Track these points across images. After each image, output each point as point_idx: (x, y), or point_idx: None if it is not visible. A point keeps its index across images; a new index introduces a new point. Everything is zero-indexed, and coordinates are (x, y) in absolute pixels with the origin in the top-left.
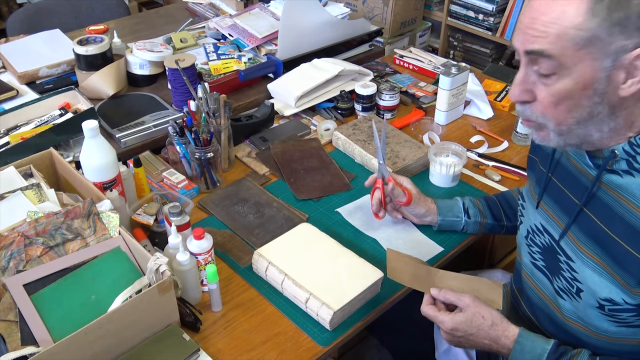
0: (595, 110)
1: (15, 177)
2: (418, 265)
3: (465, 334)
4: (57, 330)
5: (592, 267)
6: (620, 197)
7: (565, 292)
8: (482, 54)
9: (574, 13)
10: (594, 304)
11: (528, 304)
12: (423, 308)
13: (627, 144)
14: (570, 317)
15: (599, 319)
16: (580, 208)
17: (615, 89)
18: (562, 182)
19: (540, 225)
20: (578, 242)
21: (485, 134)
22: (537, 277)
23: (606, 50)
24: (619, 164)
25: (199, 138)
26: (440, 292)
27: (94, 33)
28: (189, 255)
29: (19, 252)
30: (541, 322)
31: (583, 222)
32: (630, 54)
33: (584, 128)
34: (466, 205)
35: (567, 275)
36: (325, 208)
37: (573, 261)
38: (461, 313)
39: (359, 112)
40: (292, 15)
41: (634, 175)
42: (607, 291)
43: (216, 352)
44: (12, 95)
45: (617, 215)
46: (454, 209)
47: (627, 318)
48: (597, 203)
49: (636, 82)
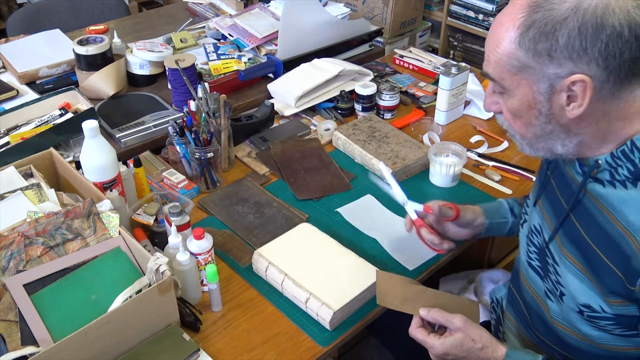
0: (547, 129)
1: (15, 177)
2: (407, 286)
3: (456, 357)
4: (57, 330)
5: (573, 273)
6: (602, 206)
7: (552, 294)
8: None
9: (507, 42)
10: (574, 308)
11: (524, 302)
12: (412, 331)
13: (609, 155)
14: (557, 319)
15: (580, 323)
16: (567, 213)
17: (561, 110)
18: (557, 185)
19: (538, 225)
20: (562, 247)
21: (485, 134)
22: (530, 277)
23: (539, 76)
24: (603, 173)
25: (199, 138)
26: (429, 312)
27: (94, 33)
28: (189, 255)
29: (19, 252)
30: (534, 321)
31: (568, 228)
32: (565, 80)
33: (544, 142)
34: (510, 205)
35: (553, 278)
36: (325, 208)
37: (558, 265)
38: (451, 337)
39: (359, 112)
40: (292, 15)
41: (615, 187)
42: (586, 297)
43: (216, 352)
44: (12, 95)
45: (597, 223)
46: (500, 210)
47: (606, 326)
48: (581, 210)
49: (577, 105)
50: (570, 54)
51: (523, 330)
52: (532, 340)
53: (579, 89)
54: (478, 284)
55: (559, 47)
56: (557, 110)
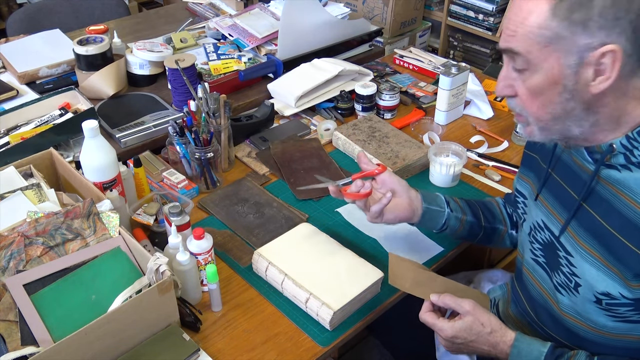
0: (568, 106)
1: (15, 177)
2: (419, 271)
3: (465, 341)
4: (57, 330)
5: (590, 262)
6: (618, 191)
7: (564, 287)
8: (482, 54)
9: (538, 13)
10: (591, 298)
11: (529, 299)
12: (422, 315)
13: (625, 138)
14: (568, 312)
15: (596, 313)
16: (580, 203)
17: (585, 86)
18: (563, 178)
19: (542, 221)
20: (577, 237)
21: (485, 134)
22: (538, 273)
23: (570, 48)
24: (617, 158)
25: (199, 138)
26: (440, 297)
27: (94, 33)
28: (189, 255)
29: (19, 252)
30: (540, 317)
31: (582, 217)
32: (596, 52)
33: (562, 124)
34: (447, 199)
35: (565, 270)
36: (325, 208)
37: (572, 256)
38: (460, 320)
39: (359, 112)
40: (292, 15)
41: (631, 170)
42: (605, 285)
43: (216, 352)
44: (12, 95)
45: (615, 209)
46: (436, 199)
47: (625, 313)
48: (595, 198)
49: (604, 79)
50: (604, 23)
51: (527, 327)
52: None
53: (609, 60)
54: (477, 284)
55: (594, 16)
56: (582, 85)
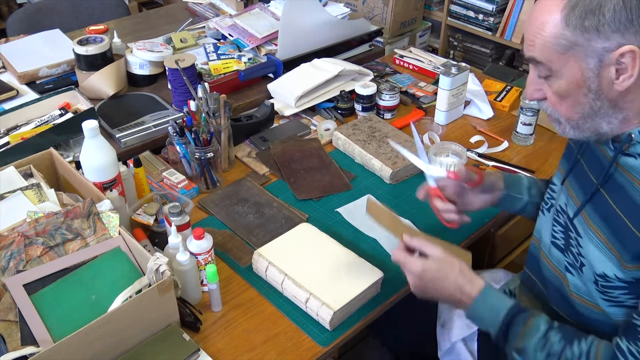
0: (595, 106)
1: (15, 177)
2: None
3: (432, 278)
4: (57, 330)
5: (595, 244)
6: (633, 178)
7: (572, 267)
8: (482, 54)
9: (552, 24)
10: (592, 278)
11: (542, 281)
12: (394, 253)
13: None
14: (576, 292)
15: (597, 295)
16: (597, 188)
17: (609, 85)
18: (587, 164)
19: (564, 204)
20: (589, 220)
21: (485, 134)
22: (553, 255)
23: (588, 52)
24: (635, 147)
25: (199, 138)
26: (413, 239)
27: (94, 33)
28: (189, 255)
29: (19, 252)
30: (551, 297)
31: (597, 202)
32: (615, 53)
33: (591, 122)
34: (530, 183)
35: (574, 250)
36: (325, 208)
37: (581, 237)
38: (431, 259)
39: (359, 112)
40: (292, 15)
41: None
42: (602, 266)
43: (216, 352)
44: (12, 95)
45: (628, 195)
46: (518, 185)
47: (619, 296)
48: (612, 184)
49: (627, 77)
50: (617, 26)
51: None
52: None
53: (629, 59)
54: None
55: (606, 22)
56: (606, 85)
